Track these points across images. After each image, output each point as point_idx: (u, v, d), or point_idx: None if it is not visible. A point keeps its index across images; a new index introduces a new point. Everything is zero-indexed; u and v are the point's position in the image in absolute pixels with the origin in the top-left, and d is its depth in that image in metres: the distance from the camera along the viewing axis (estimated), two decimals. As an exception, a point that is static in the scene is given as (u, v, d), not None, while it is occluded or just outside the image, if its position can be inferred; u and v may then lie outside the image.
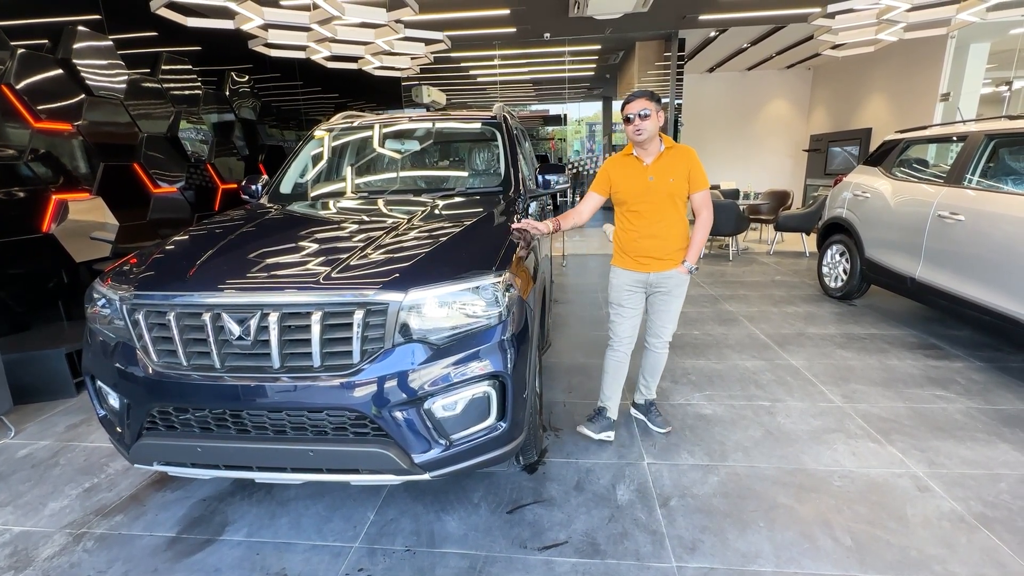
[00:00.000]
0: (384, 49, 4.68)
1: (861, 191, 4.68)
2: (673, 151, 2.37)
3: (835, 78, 9.60)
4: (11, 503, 2.30)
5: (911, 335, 4.01)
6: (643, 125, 2.27)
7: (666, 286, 2.46)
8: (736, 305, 4.94)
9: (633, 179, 2.37)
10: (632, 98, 2.29)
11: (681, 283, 2.47)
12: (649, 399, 2.79)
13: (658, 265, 2.43)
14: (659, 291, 2.49)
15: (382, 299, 1.65)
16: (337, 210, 2.64)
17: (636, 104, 2.27)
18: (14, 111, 3.59)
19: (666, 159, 2.34)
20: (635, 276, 2.48)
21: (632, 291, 2.51)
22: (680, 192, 2.34)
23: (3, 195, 3.53)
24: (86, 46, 4.15)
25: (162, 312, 1.70)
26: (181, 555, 1.95)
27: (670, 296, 2.49)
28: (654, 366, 2.69)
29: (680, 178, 2.33)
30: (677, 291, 2.48)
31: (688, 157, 2.35)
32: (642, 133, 2.28)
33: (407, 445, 1.70)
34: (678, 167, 2.33)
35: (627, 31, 6.79)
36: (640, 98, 2.28)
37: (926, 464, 2.36)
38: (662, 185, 2.31)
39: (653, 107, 2.27)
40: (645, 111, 2.25)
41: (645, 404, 2.79)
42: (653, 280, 2.46)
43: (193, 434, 1.77)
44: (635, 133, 2.29)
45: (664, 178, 2.32)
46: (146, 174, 4.76)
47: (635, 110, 2.27)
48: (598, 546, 1.92)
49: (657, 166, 2.34)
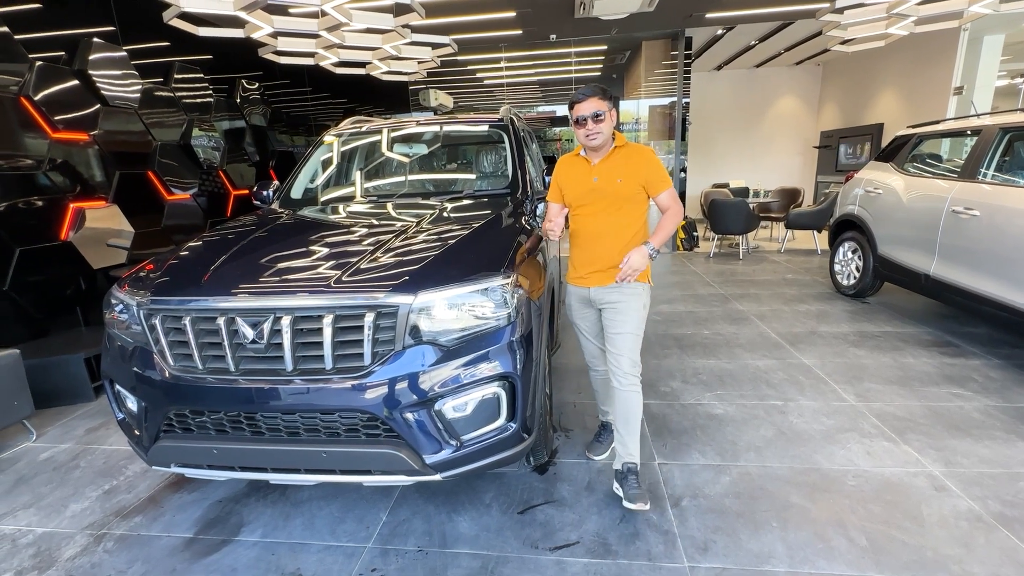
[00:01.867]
0: (392, 54, 4.73)
1: (873, 187, 4.63)
2: (624, 150, 2.06)
3: (845, 73, 9.50)
4: (34, 505, 2.36)
5: (926, 333, 3.95)
6: (597, 128, 1.96)
7: (610, 303, 2.08)
8: (747, 304, 4.90)
9: (578, 180, 2.10)
10: (581, 97, 1.97)
11: (629, 298, 2.05)
12: (628, 463, 2.11)
13: (598, 278, 2.09)
14: (605, 309, 2.11)
15: (392, 302, 1.67)
16: (347, 214, 2.67)
17: (587, 105, 1.95)
18: (33, 122, 3.67)
19: (615, 159, 2.05)
20: (579, 292, 2.18)
21: (581, 307, 2.22)
22: (630, 196, 2.02)
23: (23, 204, 3.62)
24: (101, 57, 4.24)
25: (178, 316, 1.74)
26: (198, 555, 1.98)
27: (617, 314, 2.06)
28: (623, 411, 2.09)
29: (630, 180, 2.01)
30: (626, 308, 2.05)
31: (641, 157, 2.04)
32: (596, 138, 1.98)
33: (418, 446, 1.72)
34: (628, 168, 2.02)
35: (633, 31, 6.78)
36: (591, 98, 1.95)
37: (942, 463, 2.33)
38: (607, 187, 2.02)
39: (606, 106, 1.96)
40: (598, 112, 1.94)
41: (623, 470, 2.12)
42: (595, 297, 2.12)
43: (209, 436, 1.80)
44: (587, 138, 2.00)
45: (610, 179, 2.02)
46: (160, 181, 4.85)
47: (586, 111, 1.95)
48: (610, 546, 1.92)
49: (603, 166, 2.05)
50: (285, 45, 4.32)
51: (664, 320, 4.53)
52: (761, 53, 9.10)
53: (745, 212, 6.79)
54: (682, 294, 5.40)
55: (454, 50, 4.73)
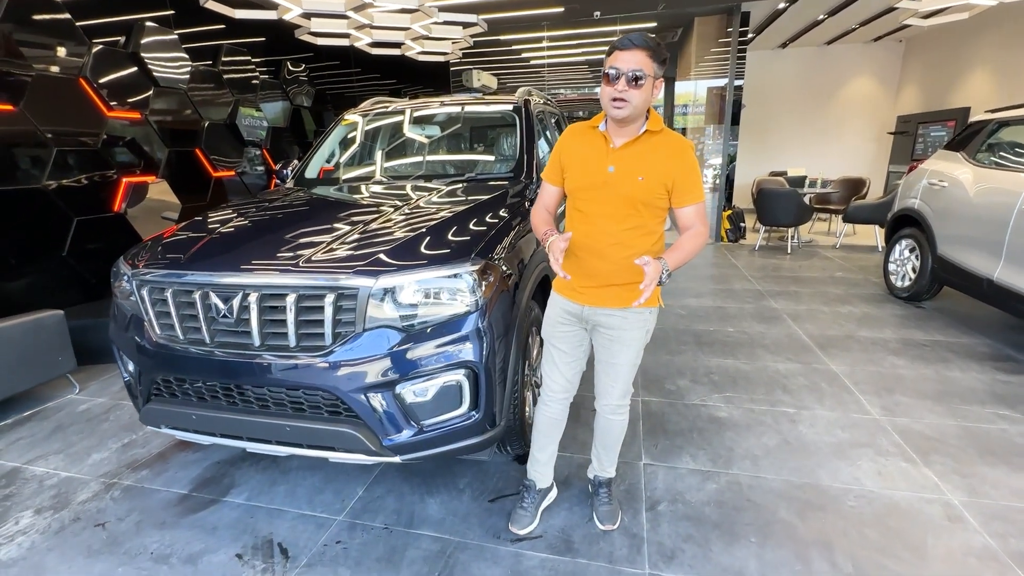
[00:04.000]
0: (422, 34, 4.72)
1: (937, 179, 4.15)
2: (658, 138, 1.58)
3: (931, 50, 8.52)
4: (64, 451, 2.61)
5: (983, 344, 3.54)
6: (630, 92, 1.46)
7: (609, 328, 1.69)
8: (783, 302, 4.58)
9: (588, 161, 1.62)
10: (625, 44, 1.47)
11: (633, 328, 1.68)
12: (601, 477, 1.99)
13: (597, 297, 1.66)
14: (597, 332, 1.74)
15: (353, 284, 1.68)
16: (342, 195, 2.72)
17: (628, 56, 1.46)
18: (89, 102, 3.98)
19: (642, 147, 1.58)
20: (567, 306, 1.73)
21: (565, 325, 1.76)
22: (650, 199, 1.58)
23: (81, 178, 3.95)
24: (153, 40, 4.51)
25: (162, 289, 1.84)
26: (187, 511, 2.13)
27: (614, 343, 1.70)
28: (604, 436, 1.90)
29: (654, 180, 1.55)
30: (626, 338, 1.69)
31: (677, 152, 1.57)
32: (623, 107, 1.48)
33: (376, 427, 1.74)
34: (656, 162, 1.56)
35: (683, 6, 6.38)
36: (636, 48, 1.45)
37: (965, 491, 2.09)
38: (623, 184, 1.56)
39: (652, 68, 1.47)
40: (638, 73, 1.45)
41: (595, 482, 2.01)
42: (589, 316, 1.70)
43: (191, 403, 1.91)
44: (613, 103, 1.50)
45: (629, 174, 1.56)
46: (207, 159, 5.15)
47: (624, 66, 1.46)
48: (572, 544, 1.88)
49: (625, 153, 1.58)
50: (318, 26, 4.42)
51: (688, 315, 4.33)
52: (832, 29, 8.32)
53: (796, 203, 6.31)
54: (714, 288, 5.13)
55: (483, 29, 4.65)
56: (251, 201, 2.61)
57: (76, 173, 3.91)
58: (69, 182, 3.85)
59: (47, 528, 2.05)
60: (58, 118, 3.76)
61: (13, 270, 3.52)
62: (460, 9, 5.43)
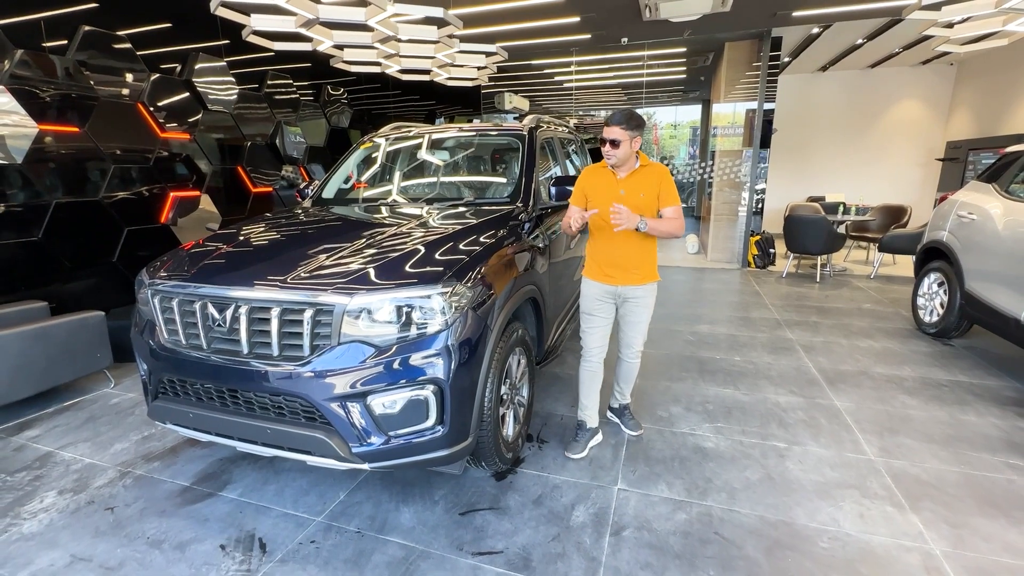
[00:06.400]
0: (447, 62, 4.96)
1: (967, 211, 3.96)
2: (647, 169, 2.46)
3: (984, 75, 8.11)
4: (92, 440, 2.89)
5: (1011, 388, 3.33)
6: (611, 151, 2.37)
7: (633, 298, 2.55)
8: (799, 333, 4.45)
9: (604, 190, 2.46)
10: (609, 121, 2.36)
11: (647, 295, 2.55)
12: (623, 403, 2.89)
13: (624, 277, 2.51)
14: (627, 303, 2.57)
15: (330, 301, 1.83)
16: (343, 215, 2.91)
17: (609, 131, 2.35)
18: (145, 124, 4.42)
19: (639, 176, 2.44)
20: (603, 288, 2.56)
21: (602, 302, 2.58)
22: (649, 208, 2.41)
23: (136, 193, 4.36)
24: (205, 67, 4.96)
25: (170, 298, 2.05)
26: (186, 503, 2.32)
27: (638, 308, 2.57)
28: (627, 375, 2.78)
29: (650, 195, 2.42)
30: (644, 302, 2.57)
31: (660, 175, 2.44)
32: (610, 158, 2.40)
33: (347, 435, 1.87)
34: (649, 183, 2.42)
35: (711, 32, 6.39)
36: (615, 125, 2.33)
37: (950, 542, 2.00)
38: (632, 199, 2.39)
39: (627, 136, 2.33)
40: (614, 139, 2.34)
41: (619, 408, 2.91)
42: (620, 292, 2.55)
43: (190, 402, 2.11)
44: (606, 155, 2.42)
45: (635, 193, 2.41)
46: (247, 176, 5.55)
47: (607, 136, 2.36)
48: (530, 562, 1.93)
49: (629, 181, 2.44)
50: (350, 56, 4.73)
51: (697, 341, 4.28)
52: (874, 52, 8.08)
53: (825, 230, 6.12)
54: (730, 315, 5.04)
55: (504, 57, 4.84)
56: (263, 219, 2.84)
57: (129, 187, 4.33)
58: (123, 195, 4.26)
59: (65, 508, 2.28)
60: (117, 138, 4.19)
61: (68, 273, 3.92)
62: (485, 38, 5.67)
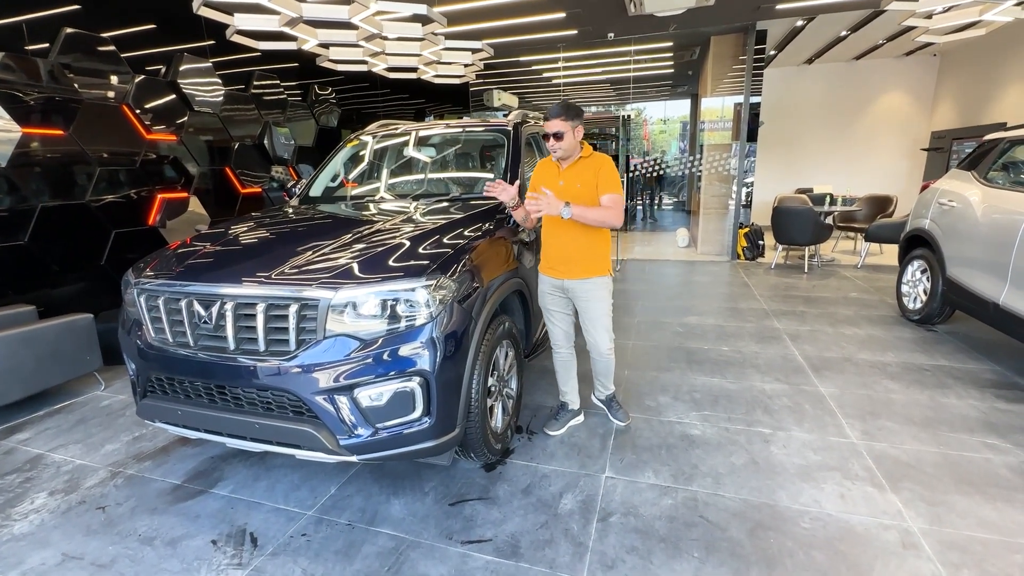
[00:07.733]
0: (434, 59, 4.97)
1: (947, 199, 4.03)
2: (588, 159, 2.43)
3: (967, 65, 8.21)
4: (83, 441, 2.89)
5: (990, 371, 3.40)
6: (556, 144, 2.35)
7: (580, 292, 2.53)
8: (786, 322, 4.51)
9: (548, 183, 2.46)
10: (549, 116, 2.35)
11: (594, 288, 2.50)
12: (608, 394, 2.86)
13: (567, 271, 2.50)
14: (577, 298, 2.56)
15: (314, 295, 1.85)
16: (330, 212, 2.92)
17: (550, 124, 2.34)
18: (131, 126, 4.40)
19: (579, 167, 2.43)
20: (551, 281, 2.59)
21: (553, 296, 2.61)
22: (587, 198, 2.36)
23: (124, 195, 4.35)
24: (190, 68, 4.95)
25: (156, 296, 2.07)
26: (177, 500, 2.33)
27: (588, 303, 2.53)
28: (603, 370, 2.77)
29: (588, 185, 2.38)
30: (592, 295, 2.51)
31: (600, 165, 2.40)
32: (556, 151, 2.38)
33: (334, 428, 1.89)
34: (588, 174, 2.39)
35: (696, 26, 6.43)
36: (554, 118, 2.31)
37: (928, 519, 2.05)
38: (570, 189, 2.38)
39: (568, 126, 2.31)
40: (558, 132, 2.32)
41: (605, 399, 2.88)
42: (566, 286, 2.55)
43: (179, 399, 2.12)
44: (551, 149, 2.40)
45: (572, 183, 2.40)
46: (235, 176, 5.54)
47: (549, 129, 2.35)
48: (518, 549, 1.96)
49: (569, 172, 2.44)
50: (336, 54, 4.73)
51: (685, 332, 4.33)
52: (859, 44, 8.15)
53: (812, 221, 6.19)
54: (719, 306, 5.09)
55: (490, 53, 4.85)
56: (249, 218, 2.85)
57: (116, 190, 4.32)
58: (110, 198, 4.25)
59: (56, 508, 2.29)
60: (102, 141, 4.17)
61: (56, 277, 3.90)
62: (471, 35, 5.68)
